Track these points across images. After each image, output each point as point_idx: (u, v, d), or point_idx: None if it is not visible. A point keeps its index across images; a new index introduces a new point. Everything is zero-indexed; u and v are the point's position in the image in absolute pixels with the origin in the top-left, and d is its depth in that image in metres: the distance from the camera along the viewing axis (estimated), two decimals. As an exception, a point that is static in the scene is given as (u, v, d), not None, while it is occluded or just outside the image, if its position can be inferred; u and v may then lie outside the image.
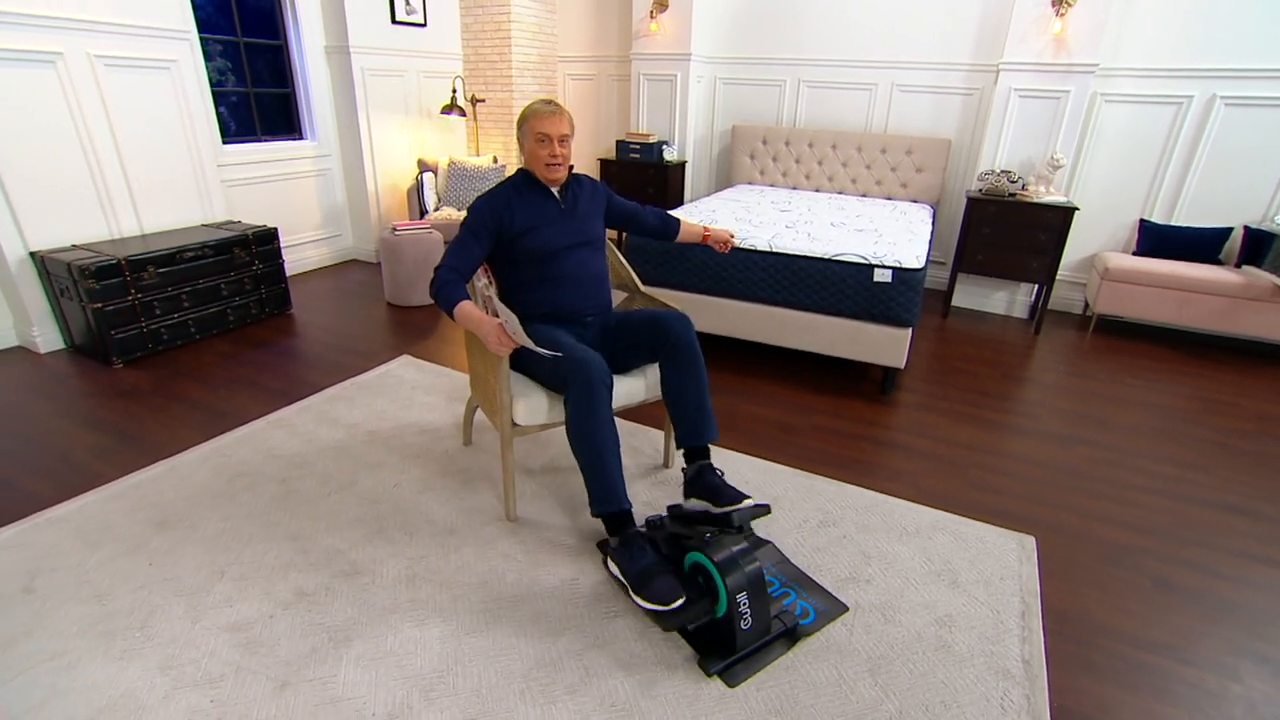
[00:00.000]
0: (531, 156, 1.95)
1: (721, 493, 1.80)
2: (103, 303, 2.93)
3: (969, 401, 2.92)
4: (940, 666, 1.53)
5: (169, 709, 1.37)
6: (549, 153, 1.92)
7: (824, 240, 2.90)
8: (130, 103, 3.26)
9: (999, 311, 4.26)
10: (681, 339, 1.87)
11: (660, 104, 4.87)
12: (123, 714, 1.36)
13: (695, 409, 1.87)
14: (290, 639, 1.56)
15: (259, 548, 1.87)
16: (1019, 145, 3.94)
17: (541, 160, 1.93)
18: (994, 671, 1.53)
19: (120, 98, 3.22)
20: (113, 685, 1.43)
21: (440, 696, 1.42)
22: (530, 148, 1.93)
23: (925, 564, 1.87)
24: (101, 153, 3.19)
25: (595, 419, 1.70)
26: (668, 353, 1.88)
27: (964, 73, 4.19)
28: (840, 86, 4.54)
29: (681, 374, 1.88)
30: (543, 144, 1.91)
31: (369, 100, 4.52)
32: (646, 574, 1.59)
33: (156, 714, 1.36)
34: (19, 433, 2.46)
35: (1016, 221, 3.76)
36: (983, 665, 1.54)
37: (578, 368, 1.71)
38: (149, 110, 3.35)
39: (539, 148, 1.92)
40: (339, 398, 2.79)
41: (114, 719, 1.35)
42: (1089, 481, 2.36)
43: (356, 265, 4.93)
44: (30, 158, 2.95)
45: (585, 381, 1.70)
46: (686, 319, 1.91)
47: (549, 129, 1.90)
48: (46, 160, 3.01)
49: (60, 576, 1.74)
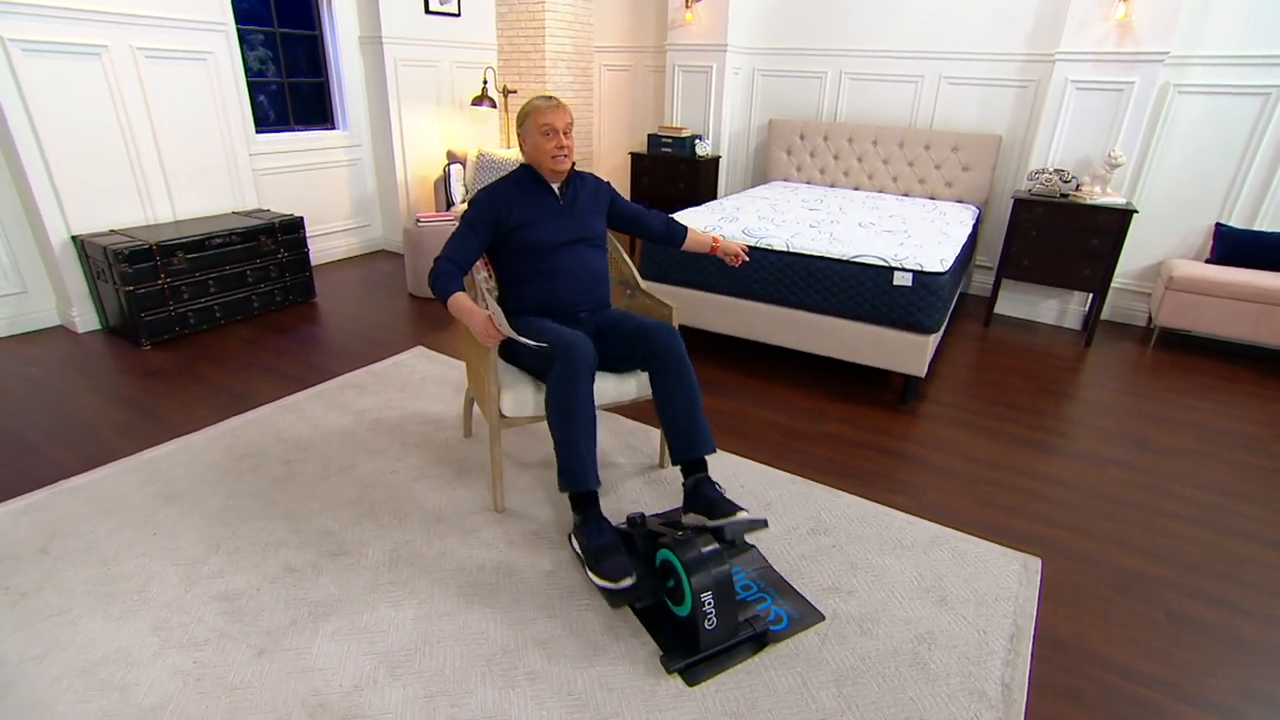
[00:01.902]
0: (537, 150, 2.06)
1: (717, 506, 1.86)
2: (134, 286, 3.20)
3: (996, 415, 2.90)
4: (911, 683, 1.57)
5: (155, 666, 1.54)
6: (556, 144, 2.03)
7: (845, 241, 2.93)
8: (168, 93, 3.55)
9: (1048, 321, 4.17)
10: (669, 353, 1.93)
11: (695, 96, 4.95)
12: (114, 668, 1.53)
13: (687, 422, 1.93)
14: (273, 610, 1.71)
15: (256, 525, 2.04)
16: (1075, 142, 3.85)
17: (548, 153, 2.04)
18: (969, 692, 1.55)
19: (159, 88, 3.50)
20: (108, 641, 1.60)
21: (405, 673, 1.54)
22: (535, 141, 2.05)
23: (915, 579, 1.89)
24: (140, 141, 3.48)
25: (573, 396, 1.80)
26: (656, 366, 1.96)
27: (1018, 64, 4.12)
28: (884, 79, 4.53)
29: (670, 387, 1.94)
30: (549, 136, 2.02)
31: (401, 90, 4.74)
32: (602, 552, 1.70)
33: (144, 670, 1.53)
34: (53, 406, 2.72)
35: (1067, 225, 3.68)
36: (957, 685, 1.57)
37: (563, 349, 1.82)
38: (185, 100, 3.63)
39: (545, 140, 2.03)
40: (351, 385, 2.97)
41: (106, 672, 1.52)
42: (1114, 505, 2.33)
43: (384, 256, 5.17)
44: (75, 145, 3.25)
45: (568, 360, 1.80)
46: (673, 331, 1.98)
47: (553, 120, 2.01)
48: (89, 148, 3.30)
49: (73, 541, 1.95)
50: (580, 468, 1.82)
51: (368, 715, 1.44)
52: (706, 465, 1.98)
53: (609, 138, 5.97)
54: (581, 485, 1.82)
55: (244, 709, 1.45)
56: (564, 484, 1.84)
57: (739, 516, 1.81)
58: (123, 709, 1.44)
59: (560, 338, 1.85)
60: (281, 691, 1.49)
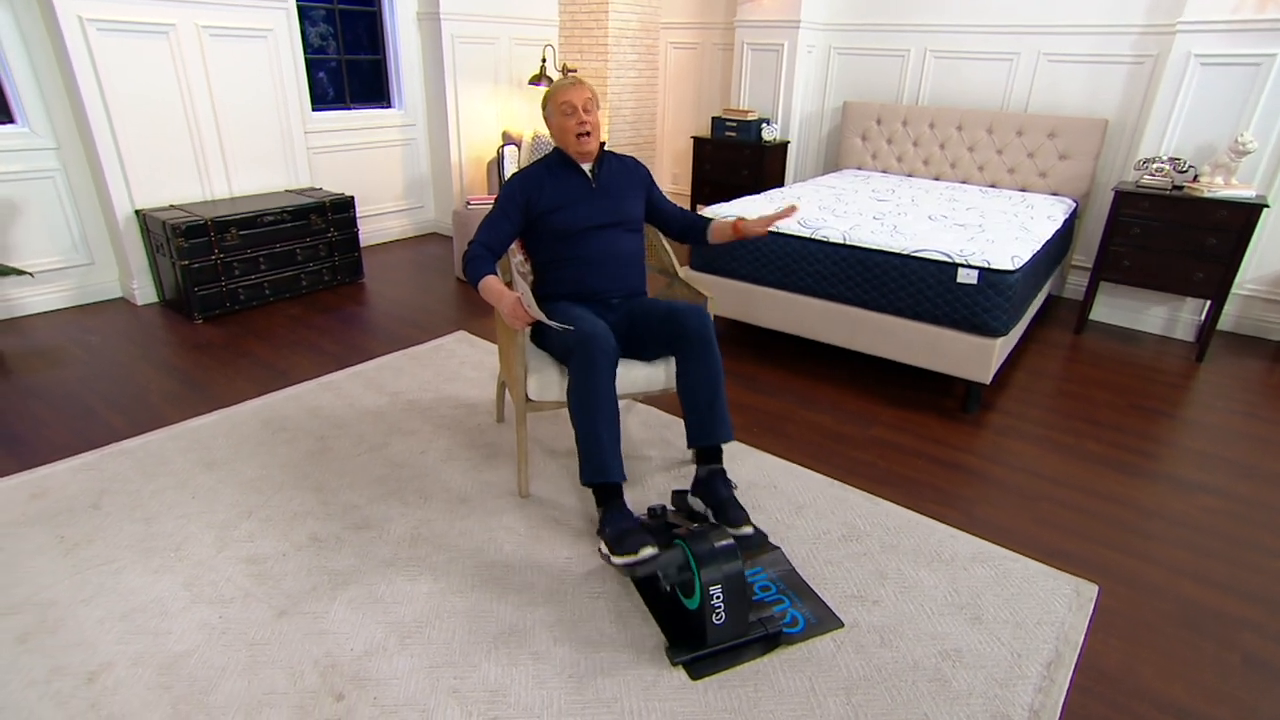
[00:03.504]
0: (561, 130, 2.20)
1: (725, 511, 1.95)
2: (189, 260, 3.53)
3: (1072, 431, 2.86)
4: (928, 698, 1.62)
5: (186, 617, 1.76)
6: (576, 121, 2.15)
7: (909, 234, 2.94)
8: (229, 70, 3.89)
9: (1153, 331, 4.02)
10: (696, 333, 2.04)
11: (764, 77, 5.00)
12: (150, 615, 1.77)
13: (707, 406, 2.03)
14: (296, 576, 1.92)
15: (287, 494, 2.27)
16: (1195, 126, 3.70)
17: (570, 131, 2.17)
18: (990, 715, 1.59)
19: (221, 65, 3.85)
20: (146, 592, 1.84)
21: (414, 644, 1.71)
22: (558, 122, 2.19)
23: (949, 595, 1.93)
24: (201, 117, 3.84)
25: (593, 388, 1.92)
26: (681, 346, 2.06)
27: (1131, 36, 3.97)
28: (974, 56, 4.46)
29: (694, 369, 2.05)
30: (569, 114, 2.16)
31: (457, 68, 5.00)
32: (622, 534, 1.79)
33: (175, 620, 1.75)
34: (110, 374, 3.07)
35: (1178, 221, 3.54)
36: (979, 706, 1.61)
37: (582, 337, 1.94)
38: (245, 77, 3.97)
39: (566, 119, 2.16)
40: (389, 366, 3.20)
41: (142, 618, 1.76)
42: (1197, 534, 2.28)
43: (436, 239, 5.46)
44: (141, 122, 3.62)
45: (587, 351, 1.93)
46: (703, 313, 2.08)
47: (572, 97, 2.14)
48: (154, 124, 3.67)
49: (121, 499, 2.22)
50: (601, 460, 1.93)
51: (375, 679, 1.61)
52: (722, 455, 2.08)
53: (674, 120, 6.09)
54: (602, 477, 1.94)
55: (262, 663, 1.64)
56: (585, 476, 1.96)
57: (742, 530, 1.89)
58: (155, 652, 1.66)
59: (581, 326, 1.97)
60: (297, 650, 1.68)
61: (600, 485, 1.96)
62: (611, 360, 1.96)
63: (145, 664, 1.63)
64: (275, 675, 1.61)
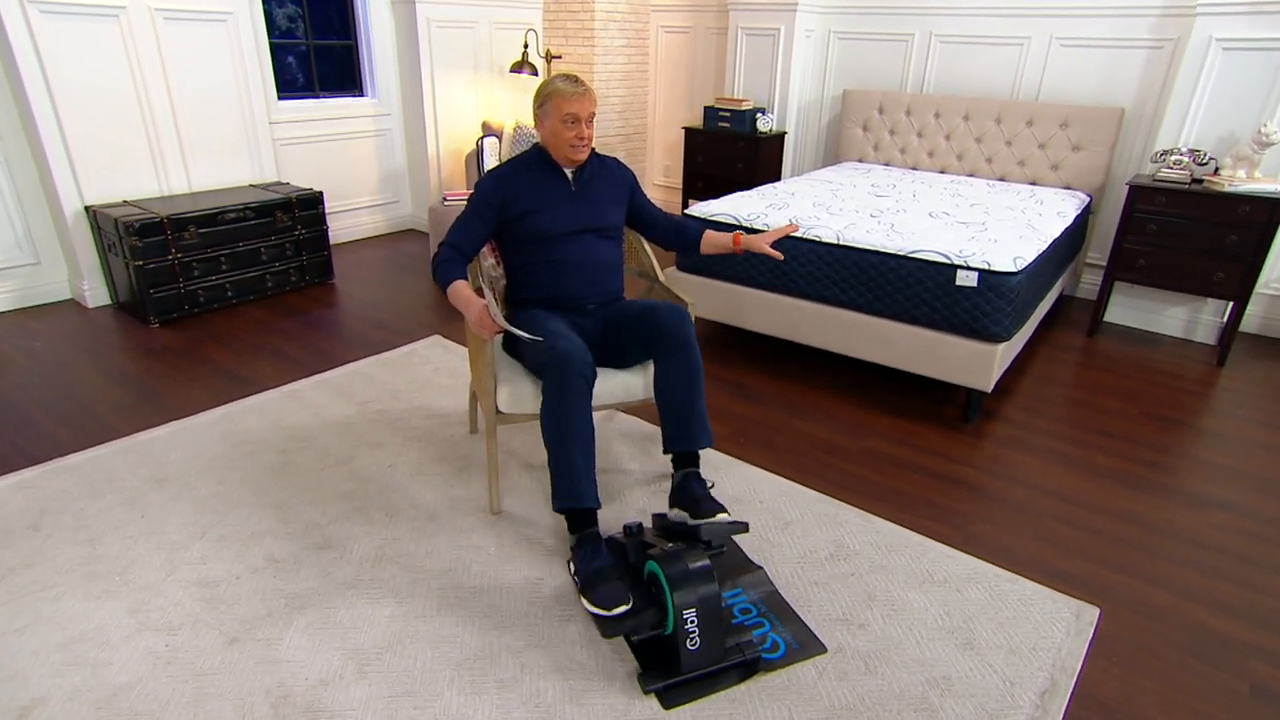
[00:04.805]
0: (555, 136, 2.21)
1: (700, 504, 1.99)
2: (144, 260, 3.54)
3: (1080, 442, 2.88)
4: (916, 726, 1.64)
5: (129, 646, 1.77)
6: (576, 134, 2.17)
7: (906, 233, 2.97)
8: (186, 56, 3.91)
9: (1172, 333, 4.05)
10: (674, 333, 2.06)
11: (760, 64, 5.03)
12: (90, 645, 1.78)
13: (685, 410, 2.07)
14: (250, 600, 1.93)
15: (243, 513, 2.28)
16: (1216, 116, 3.72)
17: (566, 141, 2.19)
18: (982, 742, 1.61)
19: (177, 51, 3.87)
20: (87, 620, 1.85)
21: (373, 672, 1.72)
22: (554, 127, 2.19)
23: (940, 618, 1.95)
24: (156, 107, 3.85)
25: (566, 409, 1.94)
26: (659, 347, 2.09)
27: (1151, 19, 3.99)
28: (982, 41, 4.49)
29: (672, 371, 2.08)
30: (570, 126, 2.16)
31: (434, 54, 5.02)
32: (597, 576, 1.82)
33: (118, 650, 1.76)
34: (55, 381, 3.08)
35: (1197, 216, 3.57)
36: (970, 733, 1.63)
37: (556, 356, 1.96)
38: (204, 64, 3.99)
39: (565, 129, 2.17)
40: (358, 374, 3.22)
41: (82, 649, 1.77)
42: (1209, 554, 2.30)
43: (412, 236, 5.48)
44: (90, 112, 3.63)
45: (561, 370, 1.94)
46: (683, 312, 2.11)
47: (577, 109, 2.14)
48: (105, 114, 3.68)
49: (63, 519, 2.23)
50: (574, 485, 1.95)
51: (330, 711, 1.62)
52: (698, 460, 2.11)
53: (665, 110, 6.11)
54: (575, 503, 1.96)
55: (209, 695, 1.65)
56: (557, 502, 1.98)
57: (718, 518, 1.93)
58: (94, 686, 1.67)
59: (556, 344, 1.98)
60: (248, 680, 1.69)
61: (572, 511, 1.98)
62: (588, 380, 1.98)
63: (82, 698, 1.64)
64: (223, 708, 1.62)
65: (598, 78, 5.57)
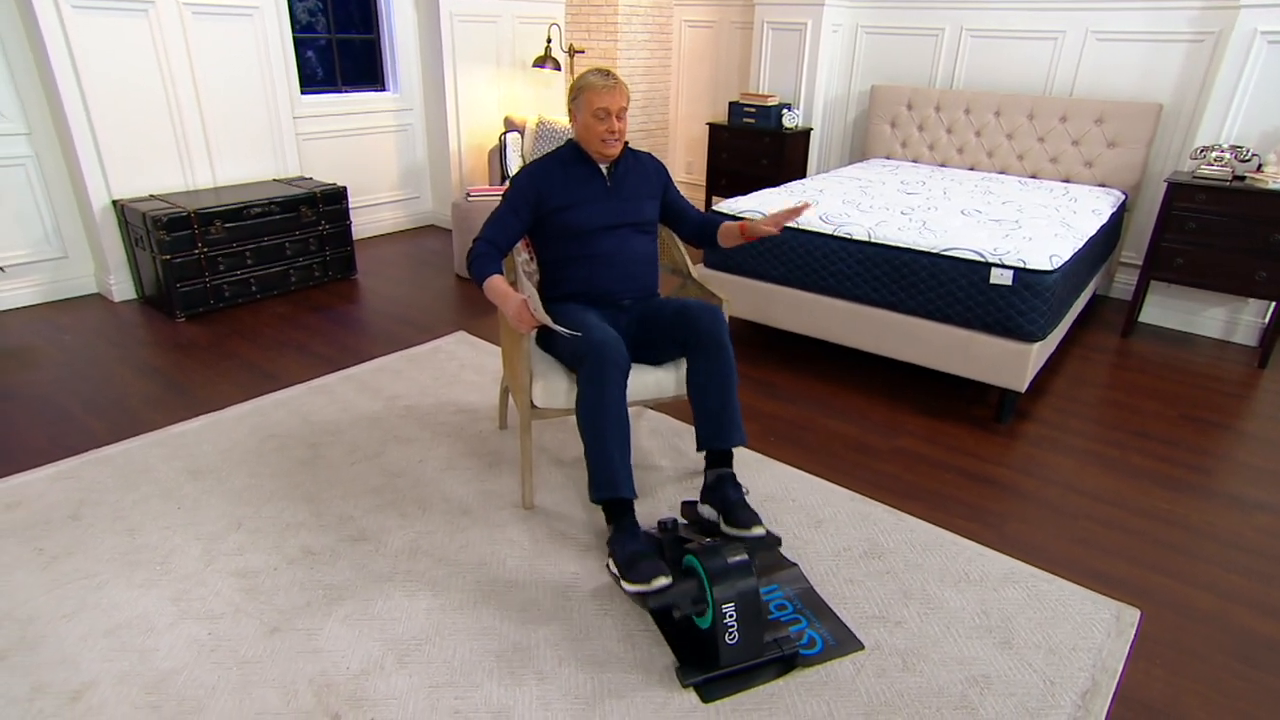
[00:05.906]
0: (587, 131, 2.26)
1: (734, 514, 2.03)
2: (171, 255, 3.62)
3: (1116, 443, 2.90)
4: (955, 723, 1.67)
5: (173, 634, 1.84)
6: (607, 128, 2.22)
7: (939, 231, 2.99)
8: (212, 51, 3.99)
9: (1211, 334, 4.05)
10: (708, 332, 2.11)
11: (786, 59, 5.06)
12: (135, 632, 1.84)
13: (719, 408, 2.11)
14: (289, 591, 1.99)
15: (277, 506, 2.34)
16: (1260, 111, 3.71)
17: (598, 135, 2.24)
18: (1022, 739, 1.64)
19: (203, 46, 3.95)
20: (131, 607, 1.92)
21: (413, 662, 1.77)
22: (586, 121, 2.25)
23: (978, 617, 1.98)
24: (183, 102, 3.93)
25: (602, 400, 1.99)
26: (693, 346, 2.14)
27: (1192, 12, 3.98)
28: (1014, 35, 4.50)
29: (706, 370, 2.12)
30: (601, 120, 2.22)
31: (456, 49, 5.08)
32: (634, 558, 1.87)
33: (162, 637, 1.83)
34: (87, 374, 3.16)
35: (1237, 214, 3.56)
36: (1010, 731, 1.66)
37: (592, 346, 2.01)
38: (229, 59, 4.07)
39: (597, 123, 2.23)
40: (385, 369, 3.28)
41: (127, 635, 1.83)
42: (1256, 558, 2.31)
43: (433, 231, 5.55)
44: (119, 107, 3.72)
45: (597, 360, 2.00)
46: (716, 311, 2.15)
47: (608, 103, 2.20)
48: (133, 109, 3.77)
49: (102, 509, 2.30)
50: (611, 475, 2.00)
51: (372, 699, 1.68)
52: (732, 459, 2.16)
53: (688, 105, 6.15)
54: (612, 493, 2.01)
55: (254, 682, 1.71)
56: (594, 493, 2.03)
57: (753, 531, 1.97)
58: (142, 670, 1.73)
59: (591, 334, 2.04)
60: (291, 669, 1.75)
61: (610, 502, 2.03)
62: (623, 371, 2.03)
63: (131, 682, 1.70)
64: (268, 695, 1.68)
65: (620, 72, 5.61)
